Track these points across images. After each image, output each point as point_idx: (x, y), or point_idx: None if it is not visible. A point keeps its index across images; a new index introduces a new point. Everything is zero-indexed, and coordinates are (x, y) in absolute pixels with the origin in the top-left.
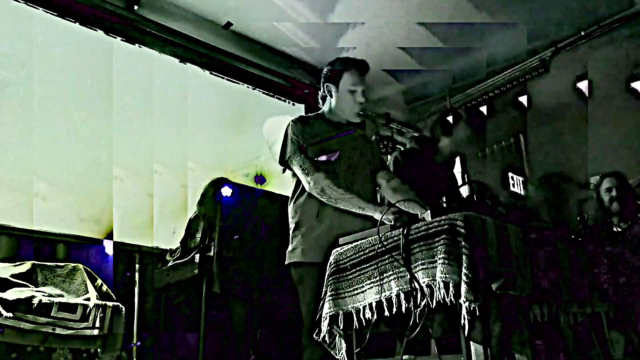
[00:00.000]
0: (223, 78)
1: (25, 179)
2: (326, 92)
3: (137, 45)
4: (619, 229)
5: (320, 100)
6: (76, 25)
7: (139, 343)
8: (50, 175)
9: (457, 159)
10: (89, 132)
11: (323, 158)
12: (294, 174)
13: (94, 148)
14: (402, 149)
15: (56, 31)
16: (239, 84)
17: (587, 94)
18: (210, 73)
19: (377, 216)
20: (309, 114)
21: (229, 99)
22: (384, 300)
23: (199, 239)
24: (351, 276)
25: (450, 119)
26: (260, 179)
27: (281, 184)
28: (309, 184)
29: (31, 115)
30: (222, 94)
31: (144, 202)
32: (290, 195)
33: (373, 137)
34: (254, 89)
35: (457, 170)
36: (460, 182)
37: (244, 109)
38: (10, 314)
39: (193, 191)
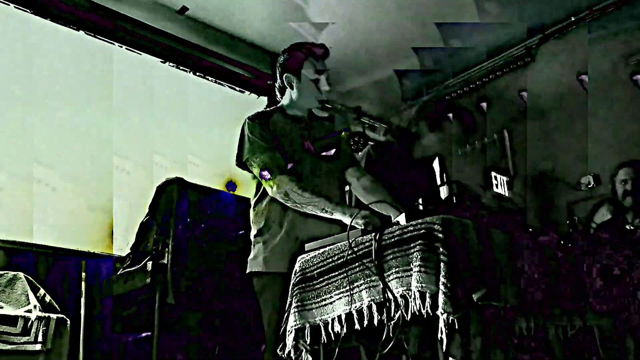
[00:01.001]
0: (179, 68)
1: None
2: (285, 83)
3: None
4: (632, 227)
5: (277, 92)
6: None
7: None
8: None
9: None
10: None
11: (285, 157)
12: (254, 177)
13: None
14: (373, 143)
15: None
16: (196, 74)
17: (578, 86)
18: (162, 62)
19: (347, 220)
20: (267, 109)
21: (185, 91)
22: (354, 312)
23: (151, 245)
24: (318, 286)
25: (437, 111)
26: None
27: None
28: (272, 187)
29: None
30: (177, 85)
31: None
32: (251, 198)
33: (342, 133)
34: (212, 80)
35: (436, 168)
36: (439, 181)
37: (202, 102)
38: None
39: None
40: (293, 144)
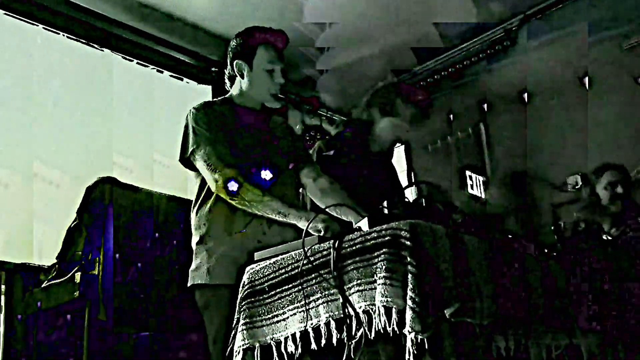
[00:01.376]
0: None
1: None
2: (235, 71)
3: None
4: (609, 237)
5: (227, 80)
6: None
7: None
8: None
9: (402, 149)
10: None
11: (232, 152)
12: (198, 174)
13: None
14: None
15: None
16: (131, 60)
17: (564, 73)
18: (90, 45)
19: (302, 224)
20: (214, 100)
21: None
22: (310, 329)
23: (80, 253)
24: (269, 300)
25: (390, 94)
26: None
27: None
28: (217, 182)
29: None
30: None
31: None
32: (193, 200)
33: (297, 127)
34: (149, 67)
35: (399, 164)
36: (403, 180)
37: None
38: None
39: None
40: (241, 138)
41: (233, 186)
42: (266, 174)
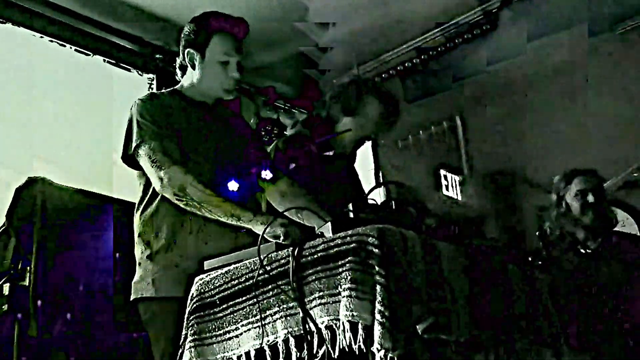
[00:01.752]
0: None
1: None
2: (187, 60)
3: None
4: (588, 250)
5: (178, 70)
6: None
7: None
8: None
9: (368, 145)
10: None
11: (180, 149)
12: (142, 173)
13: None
14: (283, 137)
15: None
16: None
17: (550, 60)
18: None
19: (258, 229)
20: (162, 91)
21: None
22: (266, 347)
23: (8, 262)
24: (221, 314)
25: (354, 91)
26: None
27: None
28: (162, 180)
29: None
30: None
31: None
32: (137, 203)
33: (252, 120)
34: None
35: (365, 161)
36: (370, 180)
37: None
38: None
39: None
40: (190, 133)
41: (181, 185)
42: (219, 175)
